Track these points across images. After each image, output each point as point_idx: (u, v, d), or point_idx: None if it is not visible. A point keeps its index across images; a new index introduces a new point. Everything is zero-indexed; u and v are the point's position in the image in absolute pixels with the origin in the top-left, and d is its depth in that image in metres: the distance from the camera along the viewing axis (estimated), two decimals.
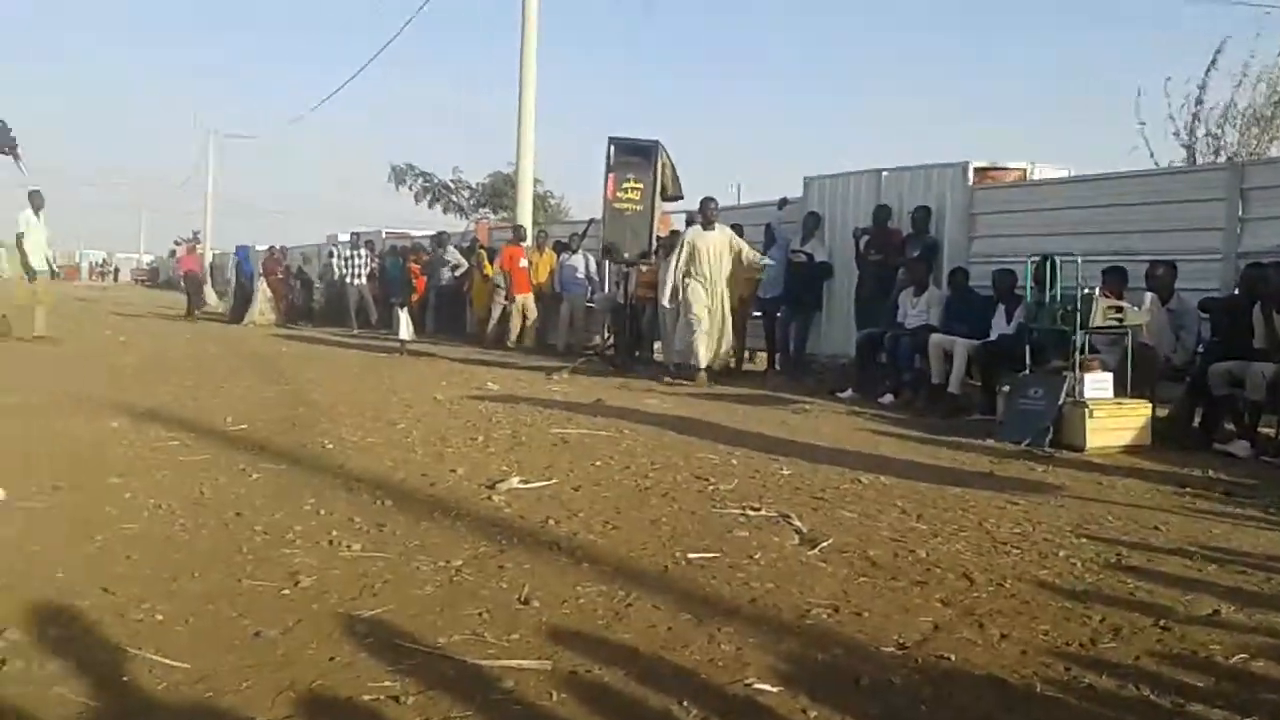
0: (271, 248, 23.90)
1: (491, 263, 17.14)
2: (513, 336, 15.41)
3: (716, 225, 11.07)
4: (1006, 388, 7.88)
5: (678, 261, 10.86)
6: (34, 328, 13.11)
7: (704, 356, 10.76)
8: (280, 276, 22.32)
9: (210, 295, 33.36)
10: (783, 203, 12.92)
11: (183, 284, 23.77)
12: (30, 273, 13.27)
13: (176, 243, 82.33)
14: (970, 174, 10.74)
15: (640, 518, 4.62)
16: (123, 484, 4.96)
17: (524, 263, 15.52)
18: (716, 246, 10.88)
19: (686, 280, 10.81)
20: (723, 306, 10.83)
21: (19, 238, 13.21)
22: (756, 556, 4.00)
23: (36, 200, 13.50)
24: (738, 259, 10.94)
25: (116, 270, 78.36)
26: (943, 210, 10.79)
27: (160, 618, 3.10)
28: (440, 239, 19.71)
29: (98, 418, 6.96)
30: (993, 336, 8.79)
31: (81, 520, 4.24)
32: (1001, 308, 8.87)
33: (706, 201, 11.11)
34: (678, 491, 5.21)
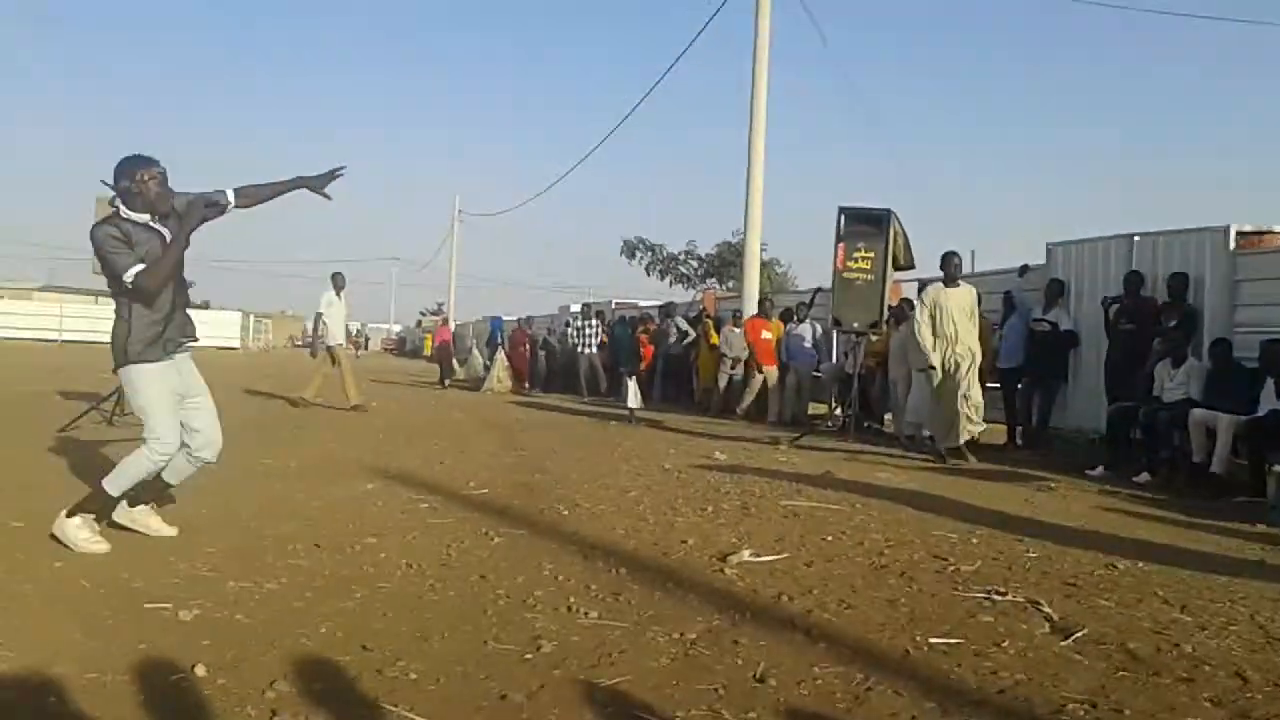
0: (518, 320, 25.07)
1: (718, 332, 17.33)
2: (743, 405, 15.37)
3: (961, 282, 10.31)
4: (1278, 468, 7.27)
5: (922, 322, 10.11)
6: (348, 397, 14.24)
7: (945, 432, 10.01)
8: (526, 348, 23.26)
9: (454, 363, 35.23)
10: (1023, 269, 12.50)
11: (436, 354, 25.13)
12: (327, 347, 14.57)
13: (422, 314, 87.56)
14: (1233, 238, 10.03)
15: (877, 597, 4.49)
16: (377, 544, 5.27)
17: (767, 334, 15.43)
18: (961, 305, 10.06)
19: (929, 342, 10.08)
20: (969, 372, 9.95)
21: (318, 316, 14.55)
22: (1004, 644, 3.81)
23: (338, 281, 14.67)
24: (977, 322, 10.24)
25: (367, 339, 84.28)
26: (1201, 277, 10.12)
27: (414, 676, 3.26)
28: (668, 309, 20.10)
29: (354, 480, 7.44)
30: (1261, 412, 8.13)
31: (342, 577, 4.53)
32: (1271, 381, 8.22)
33: (949, 257, 10.26)
34: (915, 571, 5.04)
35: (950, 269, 10.24)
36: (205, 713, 2.90)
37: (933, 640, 3.83)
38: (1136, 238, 11.11)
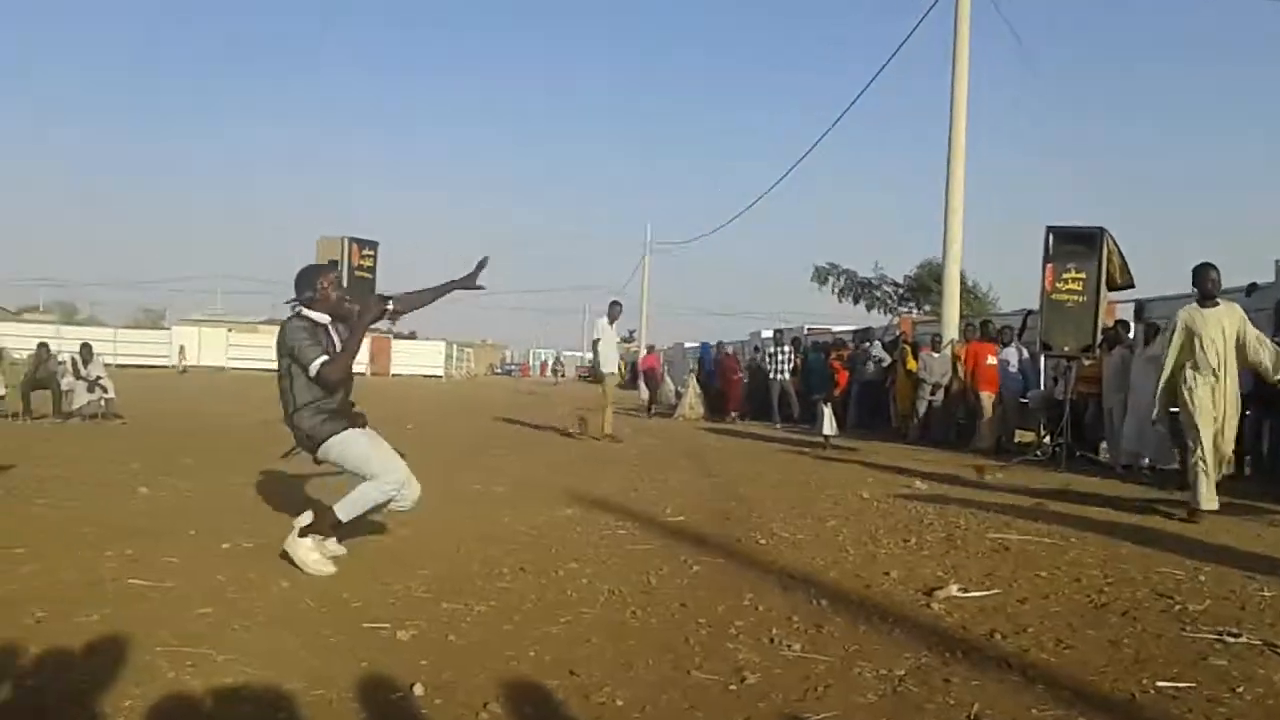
0: (720, 344, 25.16)
1: (915, 357, 16.91)
2: (983, 440, 14.48)
3: (1220, 300, 8.29)
4: None
5: (1168, 348, 8.30)
6: (603, 428, 14.36)
7: (1206, 494, 7.77)
8: (739, 376, 23.08)
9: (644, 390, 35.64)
10: (1251, 289, 11.63)
11: (642, 380, 25.34)
12: (601, 375, 14.54)
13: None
14: None
15: (1097, 637, 4.25)
16: (579, 569, 5.37)
17: (991, 359, 14.69)
18: (1223, 326, 8.04)
19: (1184, 373, 8.15)
20: (1230, 413, 8.11)
21: (595, 343, 14.57)
22: (1239, 690, 3.53)
23: (614, 311, 14.65)
24: (1241, 348, 8.10)
25: (562, 367, 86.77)
26: None
27: (620, 703, 3.29)
28: (864, 334, 19.78)
29: (555, 505, 7.61)
30: None
31: (548, 602, 4.63)
32: None
33: (1204, 270, 8.28)
34: (1138, 610, 4.73)
35: (1207, 284, 8.28)
36: None
37: (1160, 684, 3.59)
38: None
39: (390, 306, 5.44)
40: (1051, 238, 11.00)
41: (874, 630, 4.26)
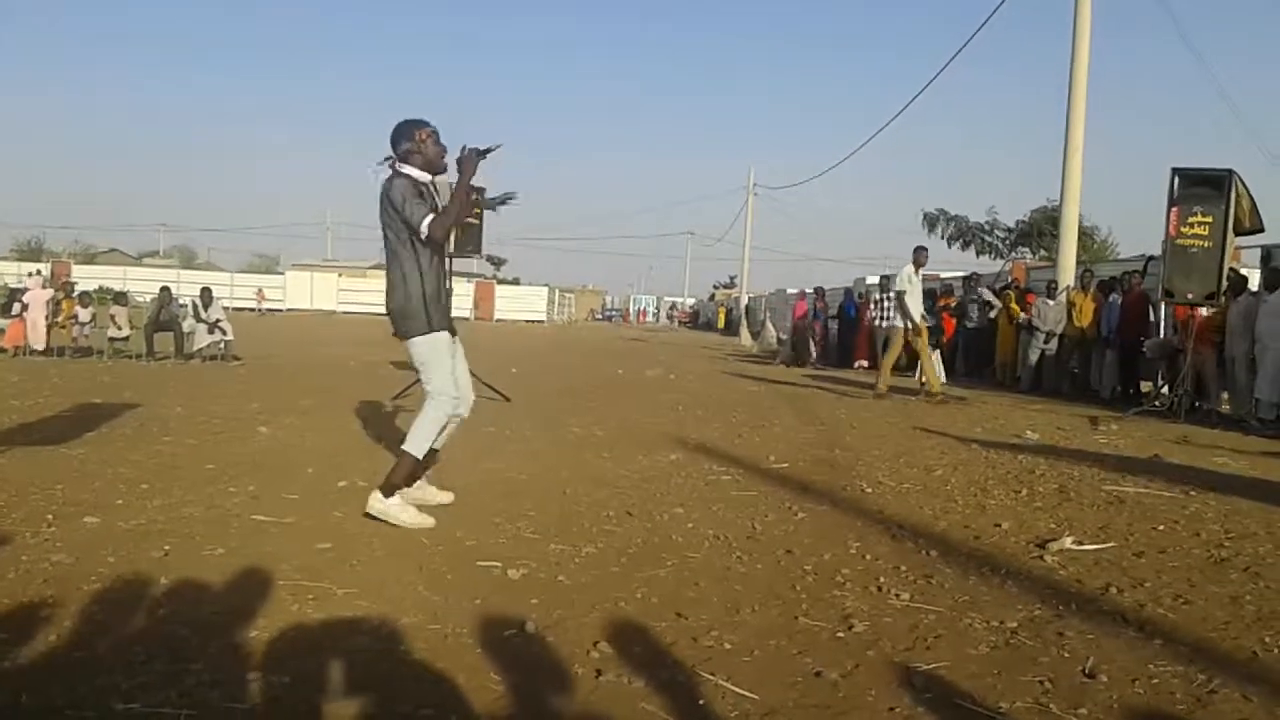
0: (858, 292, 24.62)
1: (1019, 304, 16.48)
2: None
3: None
4: None
5: None
6: (932, 381, 13.36)
7: None
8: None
9: (746, 336, 35.59)
10: None
11: (793, 331, 24.46)
12: (913, 324, 13.22)
13: (715, 287, 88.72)
14: None
15: (1218, 593, 4.12)
16: (684, 514, 5.39)
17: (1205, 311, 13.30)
18: None
19: None
20: None
21: (900, 294, 13.20)
22: None
23: (920, 257, 13.39)
24: None
25: (659, 313, 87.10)
26: None
27: (728, 646, 3.31)
28: (971, 280, 19.28)
29: (658, 450, 7.65)
30: None
31: (653, 545, 4.67)
32: None
33: None
34: (1261, 566, 4.57)
35: None
36: (538, 668, 3.07)
37: None
38: None
39: (486, 153, 5.05)
40: (1177, 180, 10.54)
41: (984, 582, 4.20)
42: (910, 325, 12.99)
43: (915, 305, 13.03)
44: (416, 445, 4.98)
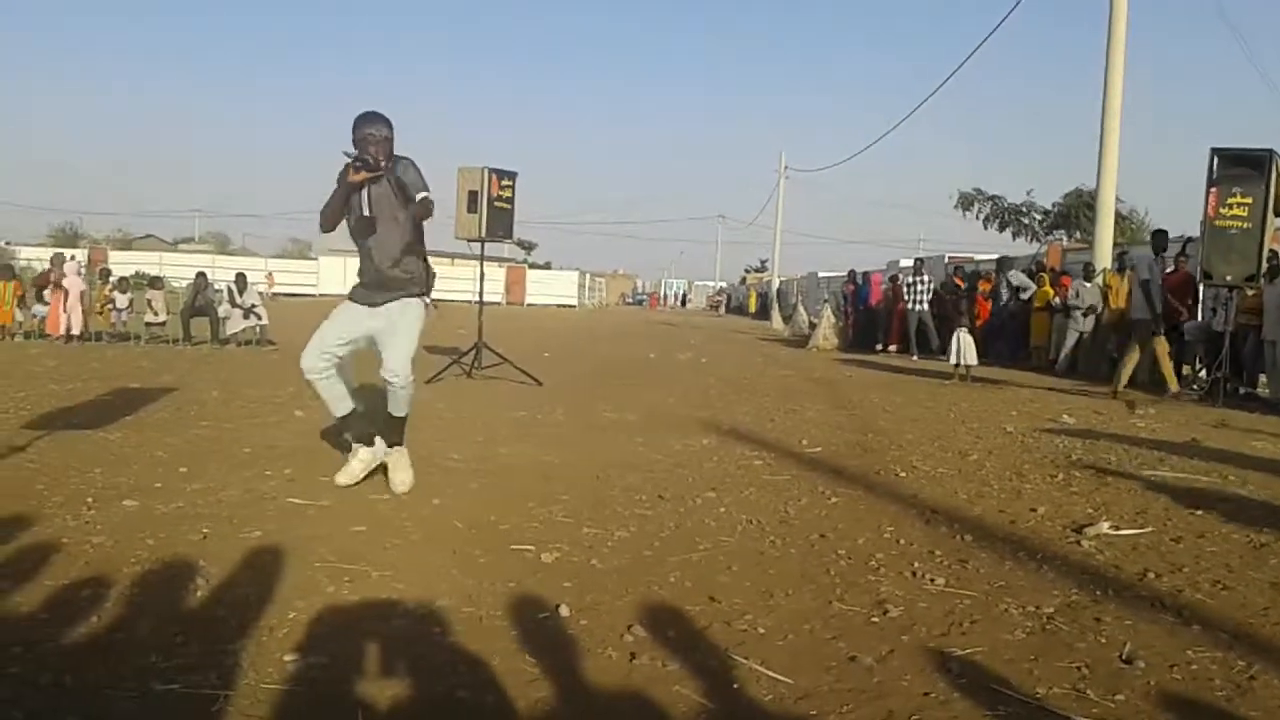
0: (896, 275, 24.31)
1: (1053, 285, 16.31)
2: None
3: None
4: None
5: None
6: (1170, 380, 11.73)
7: None
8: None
9: (777, 320, 35.49)
10: None
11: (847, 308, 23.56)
12: (1156, 317, 11.51)
13: (747, 271, 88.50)
14: None
15: (1258, 579, 4.06)
16: (716, 498, 5.39)
17: None
18: None
19: None
20: None
21: (1144, 283, 11.49)
22: None
23: (1160, 241, 11.98)
24: None
25: (687, 297, 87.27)
26: None
27: (762, 631, 3.30)
28: (1003, 263, 19.11)
29: (690, 435, 7.64)
30: None
31: (686, 529, 4.67)
32: None
33: None
34: None
35: None
36: (573, 651, 3.08)
37: None
38: None
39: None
40: (1216, 160, 10.38)
41: (1020, 567, 4.16)
42: (1155, 318, 11.52)
43: (1158, 296, 11.58)
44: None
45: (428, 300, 5.40)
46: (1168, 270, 12.38)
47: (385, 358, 5.26)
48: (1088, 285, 15.34)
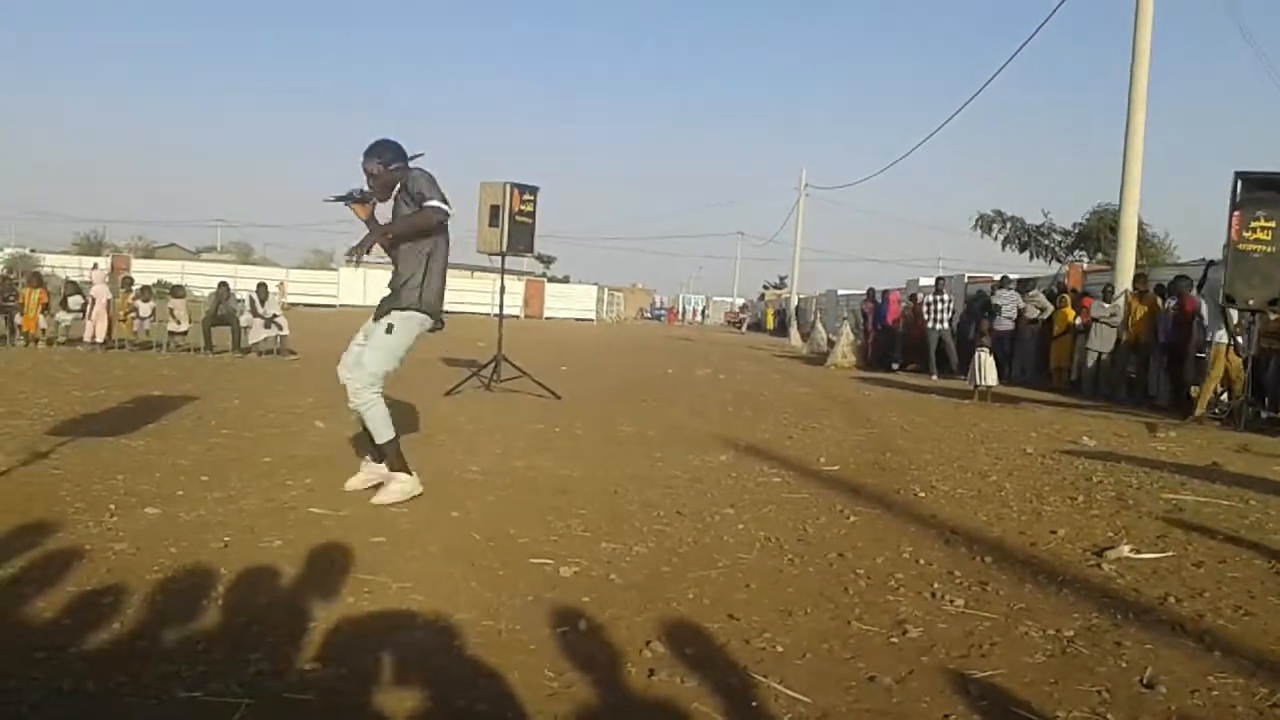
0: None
1: (1074, 307, 16.26)
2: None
3: None
4: None
5: None
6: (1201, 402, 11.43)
7: None
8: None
9: (795, 337, 35.42)
10: None
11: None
12: (1236, 342, 11.22)
13: (765, 287, 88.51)
14: None
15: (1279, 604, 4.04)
16: (735, 515, 5.38)
17: None
18: None
19: None
20: None
21: (1223, 309, 11.15)
22: None
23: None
24: None
25: (706, 312, 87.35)
26: None
27: (780, 649, 3.30)
28: (1023, 286, 19.08)
29: (708, 451, 7.64)
30: None
31: (704, 546, 4.67)
32: None
33: None
34: None
35: None
36: (592, 666, 3.07)
37: None
38: None
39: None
40: (1240, 184, 10.34)
41: (1040, 589, 4.14)
42: (1235, 343, 11.15)
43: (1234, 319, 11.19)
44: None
45: (419, 317, 5.42)
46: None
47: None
48: (1107, 306, 15.28)
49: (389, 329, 5.32)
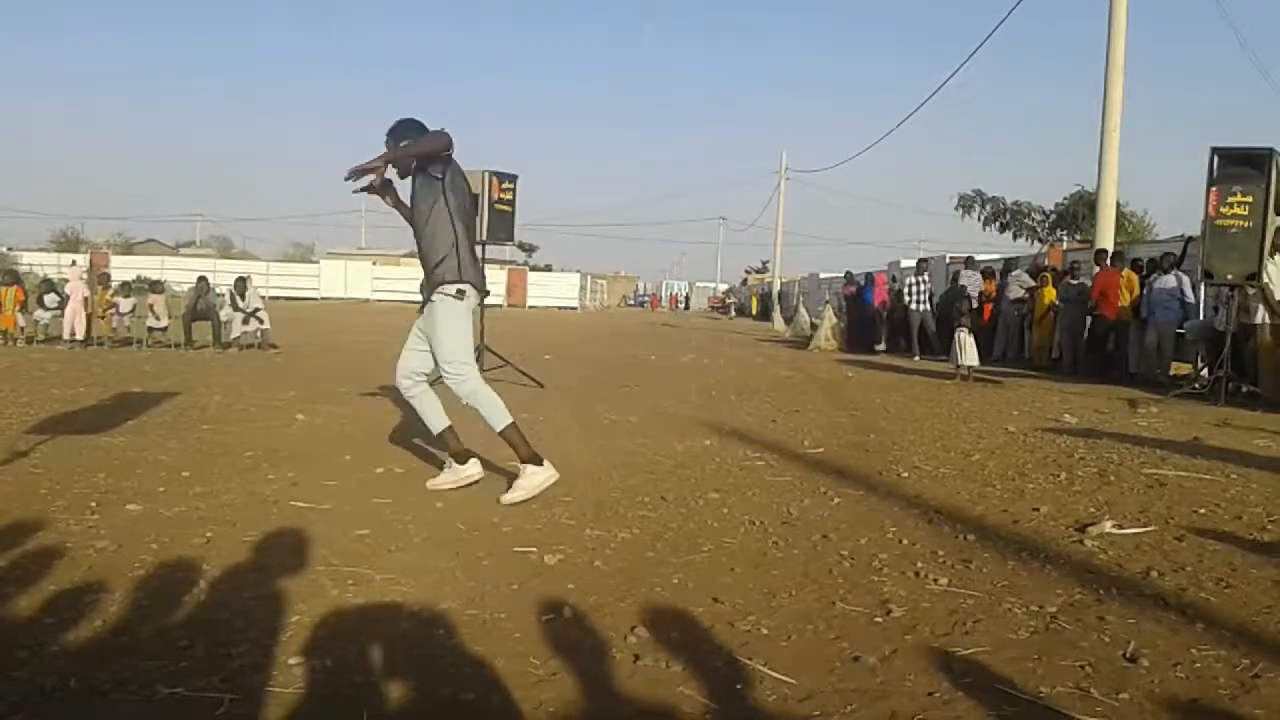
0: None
1: (1055, 285, 16.35)
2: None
3: None
4: None
5: None
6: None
7: None
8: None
9: (778, 321, 35.47)
10: None
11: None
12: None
13: (747, 272, 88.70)
14: None
15: (1261, 577, 4.06)
16: (719, 499, 5.39)
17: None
18: None
19: None
20: None
21: (1264, 288, 10.93)
22: None
23: None
24: None
25: (689, 298, 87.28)
26: None
27: (765, 632, 3.31)
28: (1006, 267, 19.15)
29: (692, 436, 7.64)
30: None
31: (689, 531, 4.68)
32: None
33: None
34: None
35: None
36: (577, 653, 3.07)
37: None
38: None
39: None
40: (1216, 159, 10.40)
41: (1023, 566, 4.16)
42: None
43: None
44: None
45: (451, 292, 5.26)
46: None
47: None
48: (1074, 284, 15.47)
49: (438, 319, 5.26)
